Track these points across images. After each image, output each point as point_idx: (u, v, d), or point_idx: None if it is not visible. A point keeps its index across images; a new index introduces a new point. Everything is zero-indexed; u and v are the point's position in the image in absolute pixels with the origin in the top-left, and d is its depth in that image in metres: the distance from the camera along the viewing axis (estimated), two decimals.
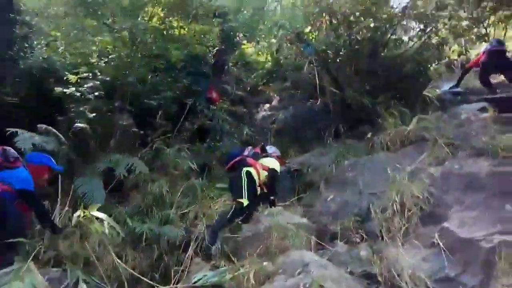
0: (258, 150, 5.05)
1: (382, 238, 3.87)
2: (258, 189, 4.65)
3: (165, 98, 6.33)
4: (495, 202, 3.56)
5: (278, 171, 4.89)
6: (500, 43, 7.01)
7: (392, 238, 3.72)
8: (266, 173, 4.68)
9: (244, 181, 4.38)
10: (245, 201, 4.28)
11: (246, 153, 4.82)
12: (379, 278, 3.19)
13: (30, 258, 3.09)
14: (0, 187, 3.19)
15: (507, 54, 7.23)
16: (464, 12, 7.17)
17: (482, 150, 4.24)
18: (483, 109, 5.33)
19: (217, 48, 8.64)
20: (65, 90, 5.00)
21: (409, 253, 3.43)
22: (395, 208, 3.90)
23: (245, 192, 4.31)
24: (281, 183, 5.48)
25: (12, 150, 3.48)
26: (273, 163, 4.81)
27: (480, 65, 7.19)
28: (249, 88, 10.53)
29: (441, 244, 3.32)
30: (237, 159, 4.68)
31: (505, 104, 5.67)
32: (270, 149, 5.34)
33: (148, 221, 4.44)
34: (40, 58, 5.28)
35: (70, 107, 5.25)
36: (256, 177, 4.54)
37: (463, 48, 8.91)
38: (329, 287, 2.69)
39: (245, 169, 4.48)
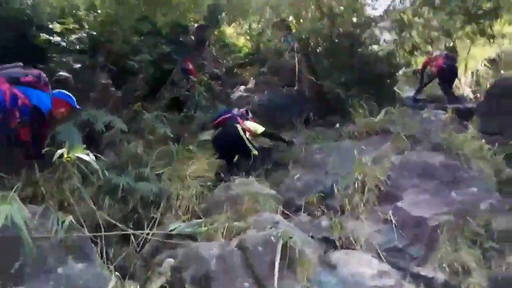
0: (244, 111, 5.46)
1: (342, 213, 4.25)
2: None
3: (144, 61, 6.35)
4: (444, 189, 4.04)
5: (263, 129, 5.51)
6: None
7: (351, 213, 4.10)
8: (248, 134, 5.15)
9: (243, 135, 4.95)
10: (255, 151, 4.95)
11: (234, 112, 5.07)
12: (337, 243, 3.56)
13: (13, 190, 3.16)
14: (23, 100, 3.42)
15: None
16: (437, 22, 7.69)
17: (439, 145, 4.74)
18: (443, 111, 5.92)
19: (200, 23, 8.72)
20: (50, 38, 4.94)
21: (365, 225, 3.83)
22: (356, 187, 4.27)
23: (250, 143, 4.99)
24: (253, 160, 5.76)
25: (45, 76, 3.72)
26: (256, 127, 5.33)
27: (439, 76, 7.98)
28: (224, 70, 10.69)
29: (393, 220, 3.74)
30: (227, 115, 5.09)
31: (462, 113, 6.38)
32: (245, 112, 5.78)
33: (124, 176, 4.55)
34: (26, 3, 5.15)
35: (53, 57, 5.19)
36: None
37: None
38: (296, 241, 2.99)
39: (238, 126, 4.94)
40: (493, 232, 3.55)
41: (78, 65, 5.06)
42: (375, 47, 8.11)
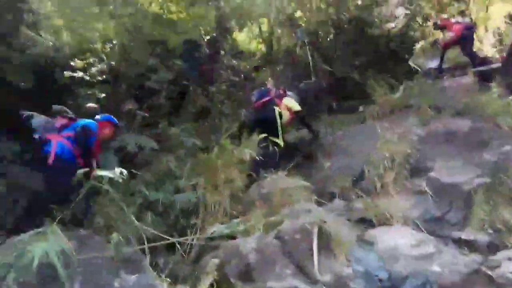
0: (282, 91, 5.68)
1: (377, 193, 4.27)
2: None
3: (164, 80, 6.63)
4: (473, 152, 4.00)
5: (299, 108, 5.62)
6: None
7: (384, 191, 4.12)
8: (287, 113, 5.42)
9: (279, 122, 5.06)
10: (280, 141, 4.94)
11: (272, 93, 5.49)
12: (374, 222, 3.60)
13: (56, 220, 3.43)
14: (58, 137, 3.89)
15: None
16: None
17: (463, 110, 4.68)
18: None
19: (210, 35, 8.96)
20: (74, 74, 5.29)
21: (400, 201, 3.84)
22: (386, 165, 4.29)
23: (280, 134, 5.02)
24: (278, 155, 5.86)
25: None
26: (293, 104, 5.53)
27: (461, 41, 7.69)
28: (242, 76, 10.87)
29: (428, 190, 3.74)
30: (267, 98, 5.35)
31: (484, 75, 6.20)
32: (289, 93, 5.97)
33: (162, 191, 4.78)
34: (49, 44, 5.53)
35: (79, 92, 5.55)
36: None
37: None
38: (331, 224, 3.07)
39: (277, 109, 5.14)
40: None
41: (103, 95, 5.37)
42: (386, 25, 8.06)
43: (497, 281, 2.67)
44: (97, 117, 4.46)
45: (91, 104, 5.13)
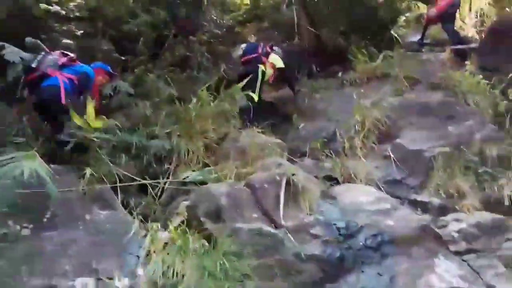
0: (268, 48, 5.87)
1: (345, 155, 4.47)
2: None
3: (143, 25, 6.42)
4: (440, 124, 4.23)
5: (283, 65, 5.88)
6: None
7: (352, 153, 4.32)
8: (271, 71, 5.70)
9: (259, 79, 5.35)
10: (255, 96, 5.19)
11: (259, 50, 5.70)
12: (339, 180, 3.81)
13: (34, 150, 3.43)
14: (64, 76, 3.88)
15: None
16: None
17: (437, 84, 4.87)
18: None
19: None
20: (50, 7, 5.04)
21: (366, 163, 4.06)
22: (357, 129, 4.47)
23: (257, 88, 5.30)
24: (256, 112, 5.95)
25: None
26: (278, 61, 5.77)
27: (443, 18, 7.78)
28: (225, 29, 10.63)
29: (392, 156, 3.96)
30: (254, 55, 5.61)
31: (462, 53, 6.38)
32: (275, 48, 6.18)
33: (136, 135, 4.79)
34: None
35: (54, 26, 5.31)
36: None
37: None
38: (299, 178, 3.24)
39: (261, 67, 5.41)
40: (487, 159, 3.75)
41: (80, 32, 5.17)
42: None
43: (443, 238, 2.96)
44: (92, 64, 4.48)
45: (66, 40, 4.95)
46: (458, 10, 8.22)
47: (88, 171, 3.39)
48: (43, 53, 4.10)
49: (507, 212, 3.41)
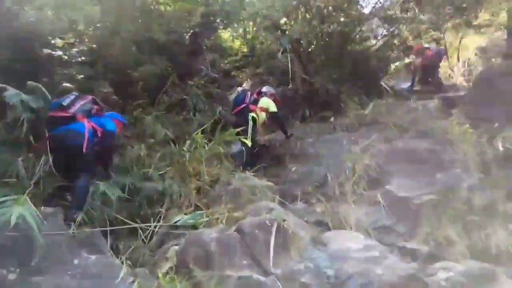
0: (256, 96, 6.15)
1: (336, 200, 4.52)
2: (260, 129, 6.08)
3: (149, 72, 6.67)
4: (428, 172, 4.32)
5: (275, 110, 6.07)
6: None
7: (343, 198, 4.37)
8: (263, 114, 5.93)
9: (250, 125, 5.61)
10: (248, 141, 5.45)
11: (247, 100, 5.95)
12: (329, 225, 3.84)
13: (26, 192, 3.46)
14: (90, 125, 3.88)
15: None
16: (423, 16, 7.97)
17: (424, 132, 5.03)
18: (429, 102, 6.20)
19: (194, 30, 9.03)
20: (53, 52, 5.25)
21: (356, 209, 4.10)
22: (347, 175, 4.56)
23: (249, 134, 5.54)
24: (249, 156, 6.04)
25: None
26: (269, 105, 5.99)
27: (428, 67, 8.23)
28: (222, 72, 10.99)
29: (382, 202, 4.02)
30: (242, 106, 5.87)
31: (449, 102, 6.64)
32: (265, 88, 6.50)
33: (129, 177, 4.84)
34: (30, 20, 5.46)
35: (56, 70, 5.50)
36: (257, 120, 5.80)
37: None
38: (289, 224, 3.27)
39: (251, 114, 5.70)
40: (474, 208, 3.81)
41: (81, 76, 5.35)
42: (366, 43, 8.44)
43: (431, 286, 2.95)
44: (108, 114, 4.48)
45: (66, 84, 5.11)
46: (442, 59, 8.70)
47: (79, 215, 3.40)
48: (75, 93, 4.11)
49: (495, 261, 3.43)
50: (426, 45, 8.76)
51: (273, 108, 6.10)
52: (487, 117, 5.63)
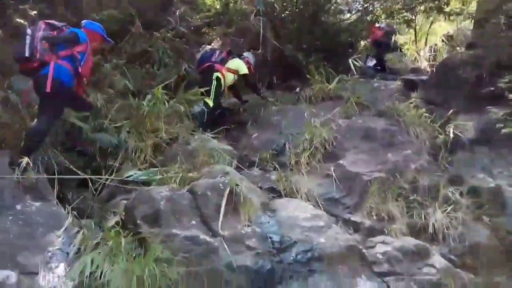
0: (225, 54, 5.89)
1: (291, 169, 4.61)
2: (226, 90, 5.92)
3: (110, 16, 6.26)
4: (381, 150, 4.48)
5: (246, 72, 5.94)
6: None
7: (298, 168, 4.46)
8: (232, 75, 5.77)
9: (214, 85, 5.42)
10: (210, 102, 5.37)
11: (214, 58, 5.73)
12: (282, 193, 3.93)
13: None
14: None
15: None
16: None
17: (383, 112, 5.17)
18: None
19: None
20: None
21: (309, 179, 4.21)
22: (305, 146, 4.63)
23: (212, 95, 5.41)
24: (210, 117, 5.95)
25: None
26: (240, 66, 5.84)
27: (375, 46, 8.47)
28: (192, 28, 10.56)
29: (334, 175, 4.15)
30: (207, 64, 5.64)
31: (411, 84, 6.81)
32: (246, 54, 6.42)
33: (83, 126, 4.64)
34: None
35: (9, 5, 5.05)
36: (222, 80, 5.61)
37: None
38: (242, 189, 3.31)
39: (215, 74, 5.48)
40: (419, 188, 4.04)
41: (34, 12, 4.94)
42: (339, 16, 8.38)
43: (368, 259, 3.15)
44: (83, 22, 4.02)
45: (19, 20, 4.71)
46: (391, 39, 8.96)
47: (24, 160, 3.24)
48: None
49: (430, 239, 3.69)
50: (379, 25, 8.87)
51: (243, 70, 5.94)
52: (444, 103, 5.87)
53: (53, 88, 3.42)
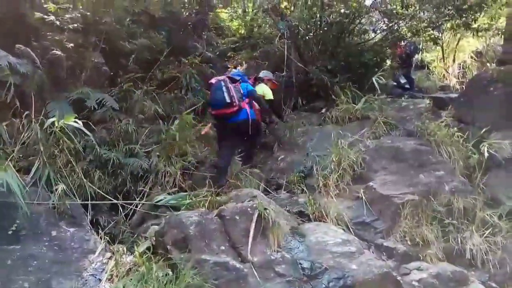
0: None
1: (319, 192, 4.55)
2: None
3: (142, 46, 6.53)
4: (412, 171, 4.36)
5: (271, 98, 5.96)
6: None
7: (326, 191, 4.39)
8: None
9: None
10: None
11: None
12: (310, 216, 3.87)
13: (9, 159, 3.41)
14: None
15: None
16: (424, 14, 7.92)
17: (413, 131, 5.06)
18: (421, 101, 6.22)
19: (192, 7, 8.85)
20: (45, 17, 5.09)
21: (338, 202, 4.14)
22: (332, 168, 4.57)
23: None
24: None
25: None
26: (266, 92, 5.92)
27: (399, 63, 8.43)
28: (218, 52, 10.83)
29: (364, 198, 4.06)
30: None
31: (441, 102, 6.67)
32: (262, 74, 6.41)
33: (115, 152, 4.79)
34: None
35: (47, 35, 5.34)
36: None
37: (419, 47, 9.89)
38: (271, 213, 3.28)
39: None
40: (454, 211, 3.88)
41: (71, 44, 5.21)
42: (364, 36, 8.37)
43: (403, 286, 3.02)
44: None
45: (56, 51, 4.97)
46: (413, 56, 8.94)
47: (60, 186, 3.36)
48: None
49: (468, 265, 3.52)
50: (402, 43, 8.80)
51: (269, 95, 5.98)
52: (476, 122, 5.67)
53: (253, 126, 4.58)
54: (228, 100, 4.48)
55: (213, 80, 4.91)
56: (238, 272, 2.76)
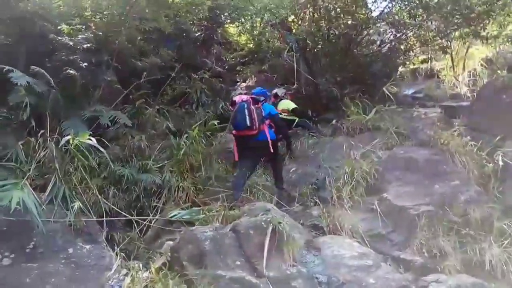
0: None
1: (333, 204, 4.52)
2: None
3: (153, 64, 6.66)
4: (426, 181, 4.31)
5: (296, 106, 6.51)
6: None
7: (340, 203, 4.36)
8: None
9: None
10: None
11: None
12: (325, 229, 3.85)
13: (25, 178, 3.48)
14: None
15: None
16: (432, 23, 7.93)
17: (425, 141, 5.02)
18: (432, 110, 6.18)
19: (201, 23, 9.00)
20: (58, 38, 5.23)
21: (352, 215, 4.10)
22: (345, 180, 4.55)
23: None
24: None
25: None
26: (289, 105, 6.50)
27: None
28: (227, 67, 10.97)
29: (378, 209, 4.02)
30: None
31: (453, 111, 6.61)
32: (279, 92, 6.84)
33: (128, 168, 4.85)
34: (37, 1, 5.42)
35: (61, 55, 5.48)
36: None
37: (428, 56, 9.87)
38: (285, 226, 3.27)
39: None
40: (470, 221, 3.81)
41: (85, 64, 5.33)
42: (372, 47, 8.40)
43: None
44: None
45: (70, 71, 5.08)
46: None
47: (76, 203, 3.41)
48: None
49: (488, 277, 3.44)
50: None
51: (293, 105, 6.51)
52: (489, 130, 5.60)
53: (273, 146, 4.63)
54: (248, 124, 4.48)
55: (236, 98, 4.86)
56: (254, 287, 2.75)
